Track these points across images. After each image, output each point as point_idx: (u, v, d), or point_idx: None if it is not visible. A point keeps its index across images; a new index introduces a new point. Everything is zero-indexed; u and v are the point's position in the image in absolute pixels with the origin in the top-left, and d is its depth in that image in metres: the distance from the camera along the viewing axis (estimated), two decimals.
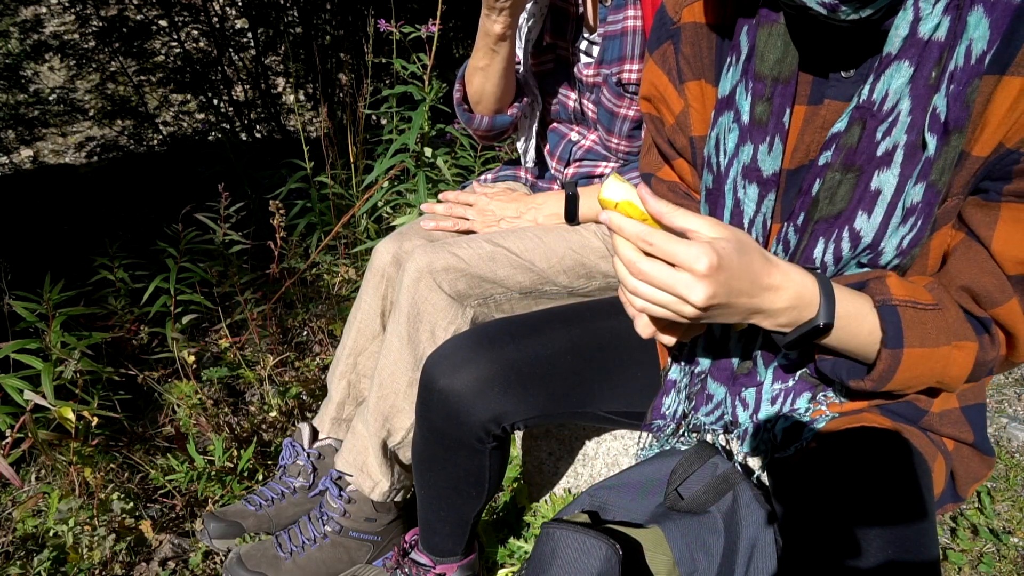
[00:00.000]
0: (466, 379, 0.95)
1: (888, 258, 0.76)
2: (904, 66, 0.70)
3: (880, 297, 0.74)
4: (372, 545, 1.26)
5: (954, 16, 0.68)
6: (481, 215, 1.33)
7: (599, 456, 1.38)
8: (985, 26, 0.67)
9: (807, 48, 0.77)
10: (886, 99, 0.71)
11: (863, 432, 0.81)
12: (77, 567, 1.29)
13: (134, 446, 1.51)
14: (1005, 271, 0.72)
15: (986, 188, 0.72)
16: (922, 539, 0.70)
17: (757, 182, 0.81)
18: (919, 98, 0.70)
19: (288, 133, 3.85)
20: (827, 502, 0.75)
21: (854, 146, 0.74)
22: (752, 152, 0.81)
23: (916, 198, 0.72)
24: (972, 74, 0.68)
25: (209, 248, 1.73)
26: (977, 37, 0.67)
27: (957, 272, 0.74)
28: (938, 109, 0.70)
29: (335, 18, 3.76)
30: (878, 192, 0.73)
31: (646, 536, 0.97)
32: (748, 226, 0.84)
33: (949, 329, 0.74)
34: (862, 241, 0.75)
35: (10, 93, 3.92)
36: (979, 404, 0.88)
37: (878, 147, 0.72)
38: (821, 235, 0.78)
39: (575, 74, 1.27)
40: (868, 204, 0.74)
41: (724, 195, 0.86)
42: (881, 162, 0.72)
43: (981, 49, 0.67)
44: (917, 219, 0.73)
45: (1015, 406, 1.80)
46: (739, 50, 0.81)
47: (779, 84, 0.78)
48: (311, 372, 1.78)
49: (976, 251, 0.73)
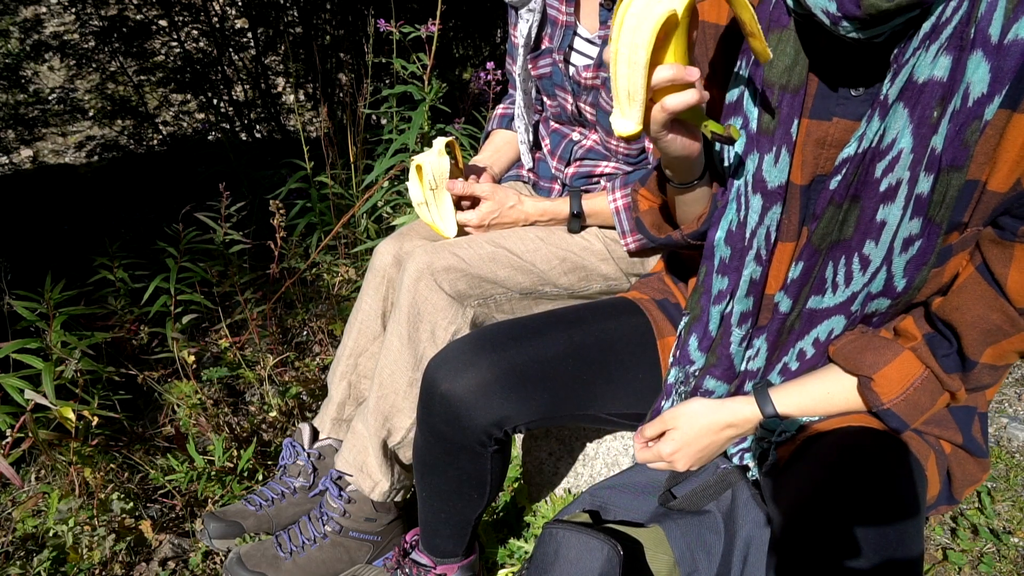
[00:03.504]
0: (468, 383, 0.95)
1: (899, 278, 0.78)
2: (900, 108, 0.71)
3: (874, 406, 0.83)
4: (372, 545, 1.26)
5: (956, 56, 0.68)
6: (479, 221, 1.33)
7: (599, 456, 1.38)
8: (984, 70, 0.67)
9: (817, 60, 0.77)
10: (883, 137, 0.73)
11: (852, 431, 0.82)
12: (77, 567, 1.29)
13: (134, 446, 1.51)
14: (1016, 306, 0.74)
15: (1003, 225, 0.73)
16: (905, 537, 0.70)
17: (762, 193, 0.81)
18: (921, 137, 0.71)
19: (288, 133, 3.85)
20: (812, 500, 0.75)
21: (855, 180, 0.76)
22: (758, 161, 0.81)
23: (914, 231, 0.75)
24: (970, 116, 0.68)
25: (209, 248, 1.73)
26: (976, 81, 0.67)
27: (966, 308, 0.77)
28: (936, 148, 0.70)
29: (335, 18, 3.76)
30: (884, 223, 0.76)
31: (647, 536, 0.97)
32: (750, 236, 0.84)
33: (937, 389, 0.81)
34: (871, 264, 0.78)
35: (10, 93, 3.91)
36: (969, 407, 0.89)
37: (880, 183, 0.74)
38: (831, 259, 0.81)
39: (572, 77, 1.27)
40: (875, 234, 0.76)
41: (727, 204, 0.86)
42: (886, 197, 0.74)
43: (980, 92, 0.67)
44: (917, 244, 0.75)
45: (1015, 406, 1.80)
46: (749, 55, 0.81)
47: (787, 93, 0.78)
48: (311, 372, 1.78)
49: (985, 289, 0.75)
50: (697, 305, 0.93)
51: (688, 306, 0.96)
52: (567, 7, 1.25)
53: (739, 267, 0.86)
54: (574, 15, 1.25)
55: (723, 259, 0.88)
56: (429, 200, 1.27)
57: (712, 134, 0.74)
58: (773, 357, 0.91)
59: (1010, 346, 0.76)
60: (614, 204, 1.25)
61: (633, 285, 1.20)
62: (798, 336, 0.87)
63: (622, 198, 1.24)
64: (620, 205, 1.24)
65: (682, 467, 0.92)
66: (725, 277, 0.88)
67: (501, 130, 1.51)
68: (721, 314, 0.91)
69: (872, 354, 0.82)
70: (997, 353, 0.77)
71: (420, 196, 1.26)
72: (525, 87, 1.37)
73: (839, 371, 0.85)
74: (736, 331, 0.90)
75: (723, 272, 0.89)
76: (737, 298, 0.88)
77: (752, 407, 0.88)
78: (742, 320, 0.89)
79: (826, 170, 0.80)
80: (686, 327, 0.96)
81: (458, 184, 1.27)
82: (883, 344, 0.82)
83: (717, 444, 0.91)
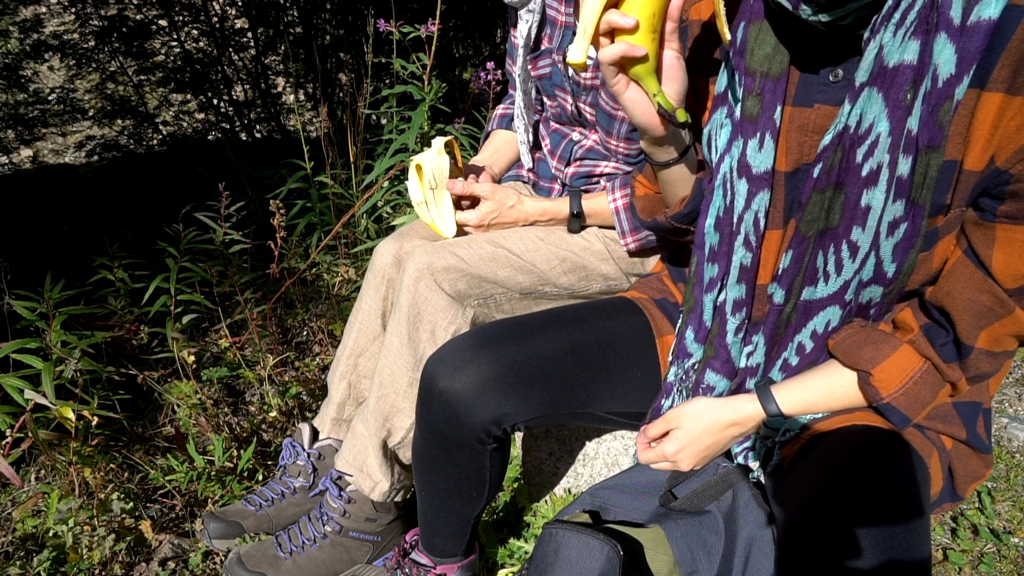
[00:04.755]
0: (467, 380, 0.95)
1: (888, 263, 0.78)
2: (874, 92, 0.72)
3: (874, 401, 0.83)
4: (372, 545, 1.26)
5: (923, 40, 0.68)
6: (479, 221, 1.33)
7: (599, 456, 1.38)
8: (950, 51, 0.67)
9: (796, 48, 0.78)
10: (860, 122, 0.74)
11: (856, 430, 0.82)
12: (77, 567, 1.29)
13: (134, 446, 1.51)
14: (1004, 286, 0.74)
15: (983, 206, 0.74)
16: (913, 537, 0.70)
17: (747, 178, 0.82)
18: (897, 120, 0.72)
19: (288, 133, 3.85)
20: (819, 501, 0.75)
21: (837, 167, 0.77)
22: (743, 147, 0.82)
23: (898, 213, 0.75)
24: (941, 96, 0.69)
25: (209, 248, 1.73)
26: (943, 62, 0.68)
27: (956, 292, 0.77)
28: (912, 130, 0.71)
29: (335, 18, 3.76)
30: (868, 207, 0.76)
31: (647, 536, 0.97)
32: (737, 221, 0.85)
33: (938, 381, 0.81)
34: (860, 251, 0.78)
35: (10, 93, 3.91)
36: (974, 402, 0.89)
37: (862, 168, 0.75)
38: (820, 248, 0.81)
39: (571, 77, 1.27)
40: (861, 219, 0.77)
41: (713, 191, 0.87)
42: (869, 181, 0.75)
43: (948, 73, 0.68)
44: (903, 228, 0.75)
45: (1015, 406, 1.80)
46: (734, 45, 0.82)
47: (768, 80, 0.79)
48: (311, 372, 1.78)
49: (973, 271, 0.76)
50: (691, 296, 0.94)
51: (683, 299, 0.97)
52: (566, 7, 1.25)
53: (728, 253, 0.87)
54: (573, 15, 1.25)
55: (712, 246, 0.89)
56: (429, 200, 1.27)
57: (659, 106, 0.82)
58: (772, 352, 0.91)
59: (1003, 329, 0.76)
60: (614, 204, 1.24)
61: (632, 285, 1.20)
62: (795, 329, 0.88)
63: (622, 198, 1.24)
64: (620, 205, 1.24)
65: (686, 467, 0.92)
66: (715, 264, 0.89)
67: (501, 130, 1.51)
68: (714, 303, 0.92)
69: (871, 348, 0.82)
70: (991, 337, 0.77)
71: (420, 196, 1.26)
72: (525, 87, 1.37)
73: (839, 366, 0.85)
74: (731, 320, 0.90)
75: (713, 259, 0.89)
76: (729, 285, 0.89)
77: (755, 404, 0.88)
78: (736, 308, 0.89)
79: (810, 158, 0.81)
80: (682, 321, 0.97)
81: (458, 184, 1.27)
82: (881, 338, 0.82)
83: (721, 443, 0.91)
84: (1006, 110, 0.68)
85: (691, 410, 0.91)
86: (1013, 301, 0.74)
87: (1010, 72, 0.67)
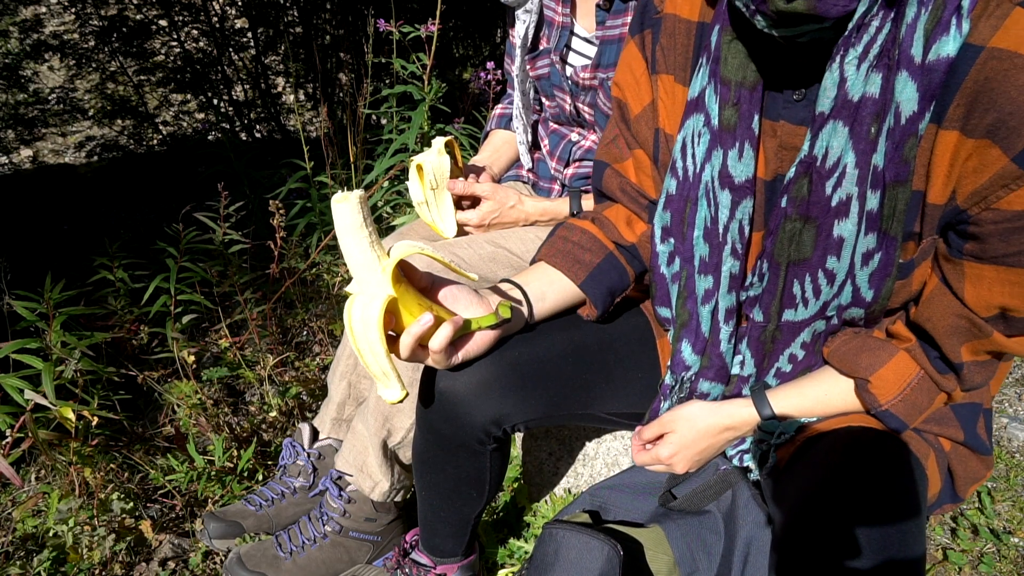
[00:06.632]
0: (466, 381, 0.95)
1: (865, 290, 0.79)
2: (839, 125, 0.72)
3: (872, 408, 0.83)
4: (372, 545, 1.26)
5: (885, 75, 0.68)
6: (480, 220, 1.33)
7: (599, 456, 1.38)
8: (912, 89, 0.67)
9: (763, 60, 0.77)
10: (827, 155, 0.73)
11: (852, 431, 0.82)
12: (77, 567, 1.29)
13: (134, 446, 1.51)
14: (979, 315, 0.75)
15: (950, 242, 0.75)
16: (907, 537, 0.70)
17: (730, 188, 0.82)
18: (863, 153, 0.72)
19: (288, 133, 3.85)
20: (813, 502, 0.75)
21: (806, 198, 0.77)
22: (723, 158, 0.81)
23: (871, 245, 0.75)
24: (906, 133, 0.69)
25: (209, 248, 1.73)
26: (905, 100, 0.68)
27: (937, 318, 0.78)
28: (877, 166, 0.71)
29: (335, 18, 3.76)
30: (842, 239, 0.77)
31: (647, 536, 0.97)
32: (723, 232, 0.84)
33: (934, 388, 0.82)
34: (836, 278, 0.79)
35: (10, 93, 3.92)
36: (974, 404, 0.89)
37: (831, 200, 0.75)
38: (796, 277, 0.82)
39: (569, 77, 1.27)
40: (835, 250, 0.78)
41: (696, 201, 0.86)
42: (839, 212, 0.75)
43: (911, 110, 0.68)
44: (877, 258, 0.76)
45: (1015, 406, 1.80)
46: (709, 51, 0.81)
47: (744, 89, 0.78)
48: (311, 372, 1.78)
49: (950, 299, 0.77)
50: (684, 310, 0.93)
51: (676, 314, 0.95)
52: (563, 8, 1.25)
53: (718, 263, 0.87)
54: (570, 15, 1.25)
55: (703, 258, 0.88)
56: (429, 200, 1.27)
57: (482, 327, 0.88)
58: (764, 363, 0.91)
59: (981, 346, 0.77)
60: None
61: None
62: (784, 344, 0.89)
63: None
64: None
65: (680, 470, 0.92)
66: (708, 276, 0.89)
67: (500, 130, 1.51)
68: (711, 313, 0.91)
69: (868, 356, 0.82)
70: (974, 349, 0.77)
71: (420, 196, 1.26)
72: (523, 88, 1.37)
73: (835, 373, 0.85)
74: (724, 328, 0.90)
75: (704, 271, 0.89)
76: (721, 295, 0.88)
77: (750, 409, 0.88)
78: (728, 317, 0.90)
79: (784, 170, 0.81)
80: (675, 335, 0.96)
81: (458, 184, 1.27)
82: (878, 345, 0.82)
83: (715, 446, 0.91)
84: (960, 149, 0.68)
85: (686, 414, 0.91)
86: (990, 326, 0.75)
87: (964, 112, 0.67)
